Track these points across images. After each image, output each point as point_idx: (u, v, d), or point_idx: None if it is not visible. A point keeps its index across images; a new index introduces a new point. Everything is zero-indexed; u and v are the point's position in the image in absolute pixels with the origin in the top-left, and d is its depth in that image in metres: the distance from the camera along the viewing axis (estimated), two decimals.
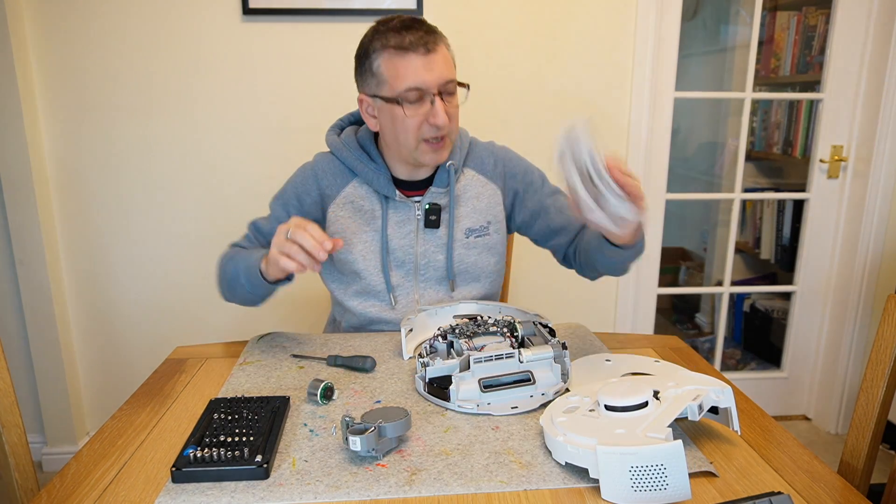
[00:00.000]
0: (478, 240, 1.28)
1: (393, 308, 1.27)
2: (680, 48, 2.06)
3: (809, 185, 2.26)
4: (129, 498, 0.73)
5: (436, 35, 1.13)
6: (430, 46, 1.11)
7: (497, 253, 1.32)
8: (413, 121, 1.13)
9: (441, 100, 1.13)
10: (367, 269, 1.25)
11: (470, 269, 1.28)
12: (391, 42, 1.11)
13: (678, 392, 0.81)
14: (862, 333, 2.21)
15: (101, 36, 1.86)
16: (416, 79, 1.11)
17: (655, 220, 2.19)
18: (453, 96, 1.16)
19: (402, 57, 1.10)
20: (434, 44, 1.12)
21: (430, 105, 1.13)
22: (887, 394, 0.92)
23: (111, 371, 2.11)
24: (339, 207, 1.26)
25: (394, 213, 1.25)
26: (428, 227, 1.26)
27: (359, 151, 1.25)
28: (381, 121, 1.19)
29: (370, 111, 1.20)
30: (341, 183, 1.26)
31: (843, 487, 0.75)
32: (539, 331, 1.05)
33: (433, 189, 1.25)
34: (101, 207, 1.98)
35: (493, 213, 1.30)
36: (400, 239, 1.26)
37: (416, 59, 1.10)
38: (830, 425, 2.32)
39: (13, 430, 0.95)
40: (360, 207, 1.25)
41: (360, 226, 1.25)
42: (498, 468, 0.77)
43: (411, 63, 1.10)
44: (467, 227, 1.28)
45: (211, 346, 1.20)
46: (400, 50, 1.10)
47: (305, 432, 0.86)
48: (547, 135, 2.05)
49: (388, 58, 1.11)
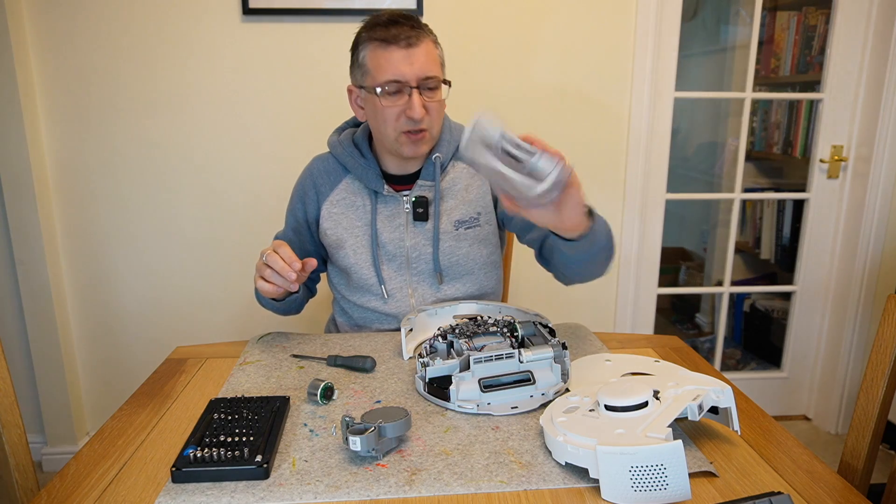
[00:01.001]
0: (468, 231, 1.28)
1: (386, 302, 1.28)
2: (680, 48, 2.06)
3: (809, 185, 2.26)
4: (129, 498, 0.73)
5: (421, 31, 1.16)
6: (412, 41, 1.13)
7: (490, 244, 1.32)
8: (391, 111, 1.16)
9: (419, 94, 1.15)
10: (357, 264, 1.27)
11: (462, 262, 1.28)
12: (377, 34, 1.14)
13: (678, 392, 0.81)
14: (862, 333, 2.21)
15: (102, 36, 1.86)
16: (396, 71, 1.13)
17: (655, 220, 2.19)
18: (434, 91, 1.18)
19: (385, 49, 1.13)
20: (417, 38, 1.14)
21: (408, 98, 1.15)
22: (887, 394, 0.92)
23: (111, 371, 2.11)
24: (333, 204, 1.29)
25: (383, 207, 1.27)
26: (417, 220, 1.27)
27: (351, 148, 1.28)
28: (366, 111, 1.23)
29: (358, 101, 1.24)
30: (335, 180, 1.30)
31: (843, 487, 0.75)
32: (539, 331, 1.05)
33: (420, 182, 1.26)
34: (101, 207, 1.98)
35: (483, 204, 1.30)
36: (390, 233, 1.27)
37: (398, 52, 1.13)
38: (830, 425, 2.32)
39: (13, 429, 0.95)
40: (351, 203, 1.28)
41: (352, 221, 1.28)
42: (498, 468, 0.77)
43: (392, 55, 1.13)
44: (456, 218, 1.28)
45: (211, 346, 1.20)
46: (383, 42, 1.13)
47: (305, 432, 0.86)
48: (547, 135, 2.05)
49: (373, 49, 1.15)
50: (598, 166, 2.09)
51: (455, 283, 1.29)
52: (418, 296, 1.28)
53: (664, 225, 2.21)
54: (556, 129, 2.05)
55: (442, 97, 1.20)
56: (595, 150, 2.08)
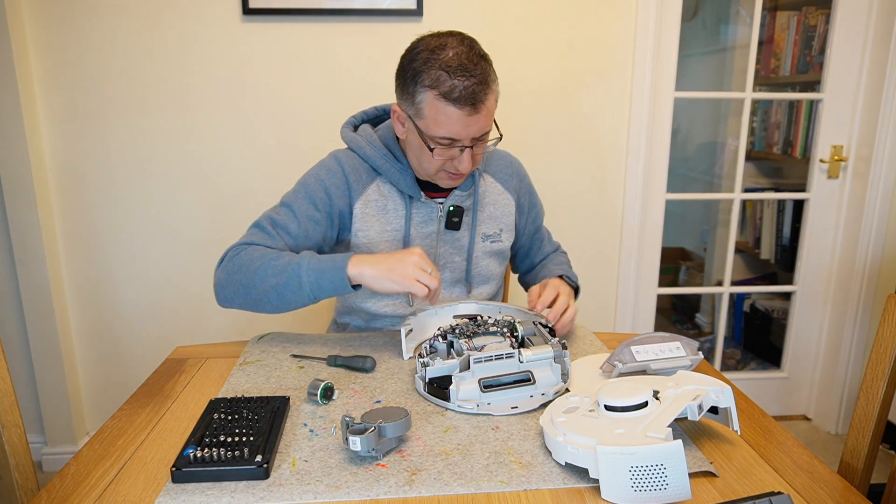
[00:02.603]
0: (492, 245, 1.32)
1: (410, 306, 1.28)
2: (680, 48, 2.06)
3: (809, 185, 2.26)
4: (129, 498, 0.73)
5: (487, 85, 1.09)
6: (477, 104, 1.07)
7: (504, 259, 1.37)
8: (438, 161, 1.14)
9: (471, 149, 1.13)
10: None
11: (482, 272, 1.32)
12: (441, 87, 1.06)
13: (678, 392, 0.81)
14: (862, 333, 2.21)
15: (102, 36, 1.86)
16: (454, 131, 1.09)
17: (655, 220, 2.19)
18: (484, 141, 1.16)
19: (447, 106, 1.07)
20: (483, 97, 1.08)
21: (458, 151, 1.13)
22: (887, 394, 0.92)
23: (111, 371, 2.11)
24: (365, 205, 1.24)
25: (417, 212, 1.26)
26: (448, 229, 1.27)
27: (383, 150, 1.23)
28: (409, 138, 1.18)
29: (403, 123, 1.18)
30: (367, 180, 1.25)
31: (843, 487, 0.75)
32: (539, 331, 1.05)
33: (457, 192, 1.26)
34: (101, 207, 1.98)
35: (506, 222, 1.34)
36: (421, 239, 1.27)
37: (460, 114, 1.07)
38: (830, 425, 2.32)
39: (13, 430, 0.95)
40: (383, 206, 1.25)
41: (384, 224, 1.25)
42: (498, 468, 0.77)
43: (454, 115, 1.08)
44: (483, 232, 1.31)
45: (211, 346, 1.20)
46: (447, 99, 1.07)
47: (305, 432, 0.86)
48: (547, 135, 2.05)
49: (433, 100, 1.08)
50: (597, 166, 2.09)
51: (472, 292, 1.34)
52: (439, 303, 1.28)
53: (664, 225, 2.21)
54: (556, 129, 2.05)
55: (489, 144, 1.17)
56: (595, 150, 2.08)
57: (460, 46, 1.08)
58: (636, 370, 0.96)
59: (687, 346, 1.00)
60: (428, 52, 1.09)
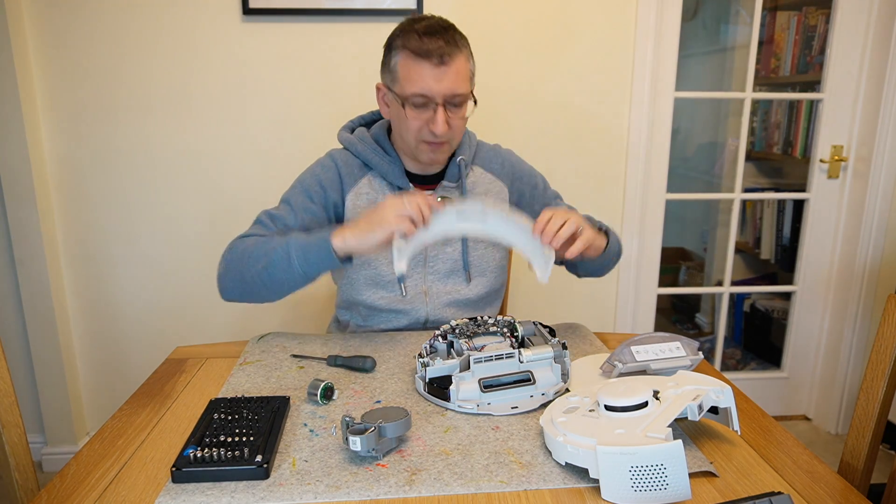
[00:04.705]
0: None
1: (404, 296, 1.28)
2: (680, 48, 2.06)
3: (809, 185, 2.26)
4: (129, 498, 0.73)
5: (456, 46, 1.14)
6: (445, 58, 1.12)
7: (502, 248, 1.37)
8: (415, 123, 1.17)
9: (444, 110, 1.15)
10: (377, 259, 1.27)
11: (477, 263, 1.32)
12: (411, 44, 1.13)
13: (678, 392, 0.81)
14: (862, 333, 2.21)
15: (102, 36, 1.86)
16: (424, 86, 1.13)
17: (655, 221, 2.19)
18: (459, 108, 1.18)
19: (417, 62, 1.13)
20: (450, 55, 1.13)
21: (433, 112, 1.15)
22: (887, 394, 0.92)
23: (111, 371, 2.11)
24: (356, 197, 1.28)
25: None
26: None
27: (373, 145, 1.28)
28: (391, 112, 1.23)
29: (385, 100, 1.24)
30: (358, 175, 1.29)
31: (843, 487, 0.75)
32: (539, 331, 1.05)
33: (445, 183, 1.28)
34: (101, 207, 1.98)
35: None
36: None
37: (429, 67, 1.12)
38: (830, 425, 2.32)
39: (13, 430, 0.95)
40: (374, 199, 1.27)
41: None
42: (498, 468, 0.77)
43: (423, 70, 1.13)
44: None
45: (211, 346, 1.20)
46: (416, 55, 1.12)
47: (305, 432, 0.86)
48: (547, 135, 2.05)
49: (405, 59, 1.14)
50: (598, 166, 2.09)
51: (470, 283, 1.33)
52: (432, 294, 1.29)
53: (664, 225, 2.21)
54: (556, 130, 2.05)
55: (466, 114, 1.20)
56: (595, 150, 2.08)
57: (434, 19, 1.17)
58: (636, 370, 0.96)
59: (687, 346, 1.00)
60: (403, 23, 1.18)
